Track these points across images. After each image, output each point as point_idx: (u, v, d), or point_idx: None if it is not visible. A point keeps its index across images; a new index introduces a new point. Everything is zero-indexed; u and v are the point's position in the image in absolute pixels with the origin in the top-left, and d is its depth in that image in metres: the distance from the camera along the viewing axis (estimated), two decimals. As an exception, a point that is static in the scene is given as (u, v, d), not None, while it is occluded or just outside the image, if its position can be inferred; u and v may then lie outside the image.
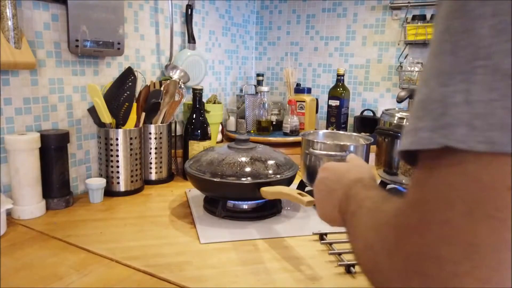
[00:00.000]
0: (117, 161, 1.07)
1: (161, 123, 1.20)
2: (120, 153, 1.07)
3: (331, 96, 1.67)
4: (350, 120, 1.76)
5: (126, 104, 1.06)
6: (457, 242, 0.23)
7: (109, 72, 1.16)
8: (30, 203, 0.90)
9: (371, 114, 1.74)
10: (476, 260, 0.22)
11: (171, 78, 1.33)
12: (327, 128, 1.68)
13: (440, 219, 0.24)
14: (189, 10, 1.43)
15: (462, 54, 0.24)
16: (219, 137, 1.56)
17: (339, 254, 0.76)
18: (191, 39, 1.45)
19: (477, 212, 0.23)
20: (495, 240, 0.22)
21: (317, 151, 0.98)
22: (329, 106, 1.67)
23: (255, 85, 1.80)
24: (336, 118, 1.66)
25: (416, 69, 1.59)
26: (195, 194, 1.08)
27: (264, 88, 1.65)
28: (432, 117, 0.25)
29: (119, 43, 1.10)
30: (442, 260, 0.23)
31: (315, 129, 1.70)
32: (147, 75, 1.31)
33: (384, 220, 0.29)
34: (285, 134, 1.60)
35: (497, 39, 0.23)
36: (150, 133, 1.18)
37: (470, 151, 0.23)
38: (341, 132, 1.17)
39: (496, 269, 0.22)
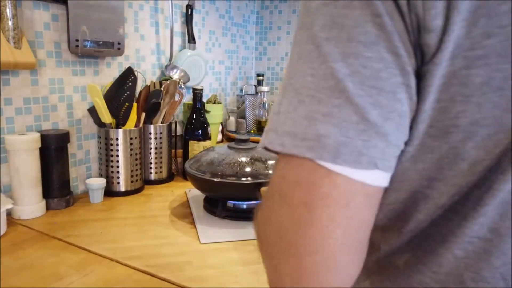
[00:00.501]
0: (117, 161, 1.07)
1: (161, 123, 1.20)
2: (120, 153, 1.07)
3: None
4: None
5: (126, 104, 1.07)
6: (272, 222, 0.30)
7: (109, 72, 1.16)
8: (30, 203, 0.90)
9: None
10: (282, 236, 0.29)
11: (171, 78, 1.33)
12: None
13: (267, 204, 0.31)
14: (189, 10, 1.43)
15: (286, 74, 0.31)
16: (219, 137, 1.56)
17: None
18: (191, 39, 1.45)
19: (282, 200, 0.29)
20: (289, 221, 0.28)
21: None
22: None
23: (255, 85, 1.80)
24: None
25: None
26: (195, 194, 1.08)
27: (264, 88, 1.65)
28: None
29: (119, 43, 1.10)
30: (267, 235, 0.30)
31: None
32: (147, 75, 1.31)
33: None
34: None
35: (298, 62, 0.29)
36: (150, 133, 1.18)
37: (280, 152, 0.29)
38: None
39: (295, 242, 0.28)
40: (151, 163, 1.19)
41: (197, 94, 1.26)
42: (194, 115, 1.26)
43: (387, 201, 0.32)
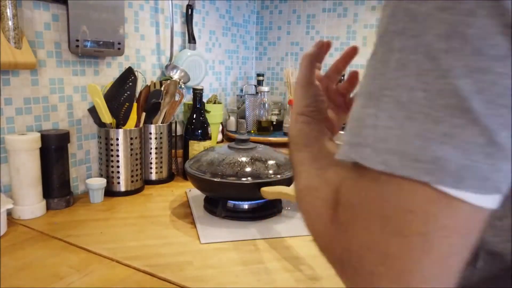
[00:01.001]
0: (118, 161, 1.07)
1: (161, 123, 1.20)
2: (121, 153, 1.07)
3: (332, 96, 1.66)
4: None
5: (127, 104, 1.07)
6: (374, 249, 0.26)
7: (109, 72, 1.16)
8: (31, 203, 0.90)
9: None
10: (390, 265, 0.26)
11: (172, 78, 1.33)
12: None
13: (362, 225, 0.27)
14: (190, 10, 1.43)
15: (377, 81, 0.27)
16: (220, 137, 1.56)
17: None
18: (192, 39, 1.45)
19: (387, 228, 0.26)
20: (399, 250, 0.26)
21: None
22: (329, 106, 1.67)
23: (255, 85, 1.80)
24: (337, 118, 1.66)
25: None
26: (195, 194, 1.08)
27: (265, 88, 1.65)
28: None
29: (119, 43, 1.10)
30: (363, 260, 0.27)
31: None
32: (147, 75, 1.31)
33: (323, 196, 0.32)
34: (286, 134, 1.60)
35: (400, 73, 0.26)
36: (150, 133, 1.18)
37: (382, 172, 0.26)
38: (341, 132, 1.17)
39: (407, 272, 0.25)
40: (151, 163, 1.19)
41: (197, 94, 1.26)
42: (194, 115, 1.26)
43: (496, 215, 0.29)
